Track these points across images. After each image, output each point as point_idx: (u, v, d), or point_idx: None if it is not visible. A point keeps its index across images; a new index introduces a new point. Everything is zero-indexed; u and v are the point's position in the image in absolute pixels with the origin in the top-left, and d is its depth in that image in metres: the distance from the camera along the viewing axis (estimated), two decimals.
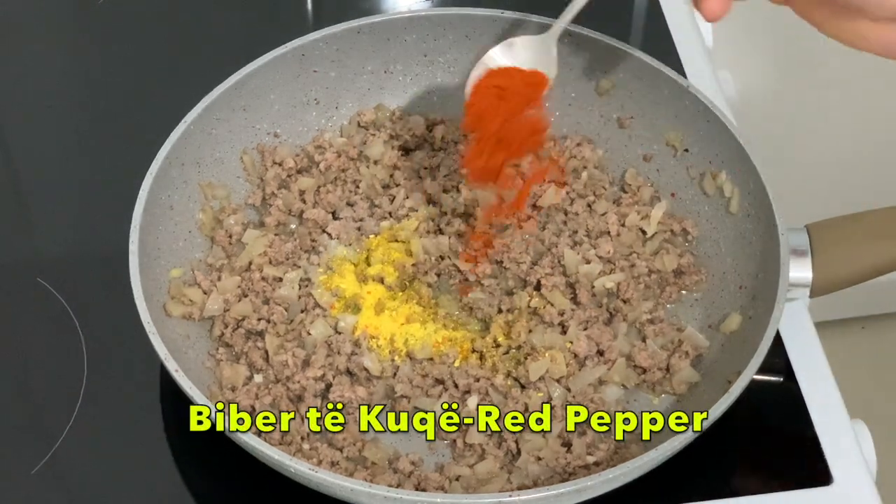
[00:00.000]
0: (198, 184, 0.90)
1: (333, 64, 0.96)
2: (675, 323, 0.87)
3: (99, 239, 0.94)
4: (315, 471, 0.70)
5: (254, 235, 0.90)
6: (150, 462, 0.82)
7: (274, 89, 0.95)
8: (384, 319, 0.86)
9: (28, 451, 0.81)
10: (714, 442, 0.77)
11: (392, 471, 0.78)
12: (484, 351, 0.85)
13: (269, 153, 0.95)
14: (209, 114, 0.90)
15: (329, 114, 0.98)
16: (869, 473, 0.81)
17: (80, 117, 1.06)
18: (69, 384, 0.85)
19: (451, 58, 0.99)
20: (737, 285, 0.86)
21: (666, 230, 0.91)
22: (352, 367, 0.83)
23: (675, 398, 0.83)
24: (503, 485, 0.77)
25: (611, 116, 0.97)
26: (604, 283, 0.87)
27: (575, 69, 0.96)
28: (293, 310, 0.86)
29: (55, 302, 0.89)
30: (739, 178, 0.88)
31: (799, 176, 1.57)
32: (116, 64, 1.10)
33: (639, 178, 0.94)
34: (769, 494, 0.79)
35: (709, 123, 0.90)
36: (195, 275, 0.87)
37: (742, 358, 0.76)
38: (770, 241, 0.82)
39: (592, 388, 0.82)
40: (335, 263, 0.89)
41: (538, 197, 0.93)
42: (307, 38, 0.95)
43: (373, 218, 0.92)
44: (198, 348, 0.84)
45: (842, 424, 0.83)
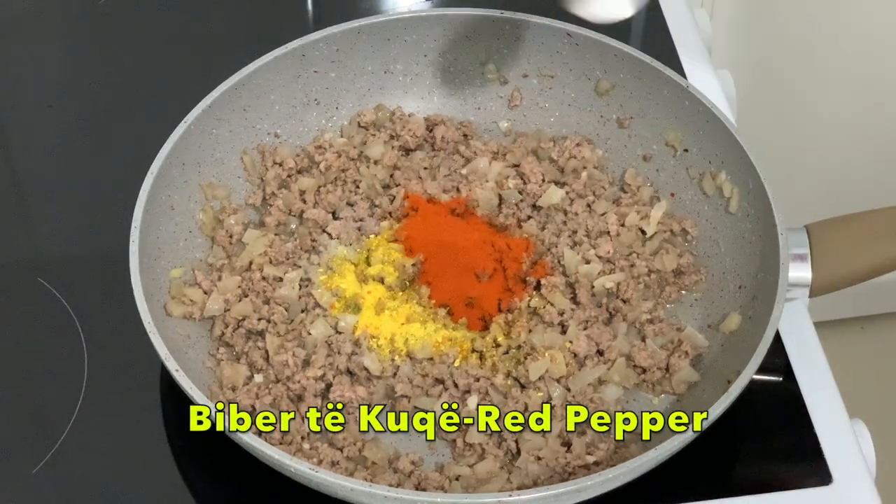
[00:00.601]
0: (198, 184, 0.90)
1: (333, 64, 0.96)
2: (674, 323, 0.87)
3: (99, 239, 0.94)
4: (315, 471, 0.70)
5: (254, 235, 0.90)
6: (150, 462, 0.82)
7: (274, 89, 0.95)
8: (384, 319, 0.86)
9: (28, 451, 0.81)
10: (714, 442, 0.77)
11: (392, 470, 0.78)
12: (484, 351, 0.85)
13: (269, 153, 0.95)
14: (210, 114, 0.90)
15: (329, 114, 0.98)
16: (869, 473, 0.81)
17: (80, 117, 1.06)
18: (69, 384, 0.85)
19: (451, 58, 0.99)
20: (736, 285, 0.86)
21: (665, 230, 0.91)
22: (352, 367, 0.83)
23: (675, 398, 0.83)
24: (503, 484, 0.77)
25: (611, 116, 0.97)
26: (603, 283, 0.87)
27: (575, 69, 0.96)
28: (293, 310, 0.86)
29: (55, 302, 0.89)
30: (739, 178, 0.88)
31: (799, 176, 1.58)
32: (116, 64, 1.10)
33: (638, 178, 0.95)
34: (769, 494, 0.79)
35: (708, 123, 0.90)
36: (195, 275, 0.87)
37: (742, 358, 0.76)
38: (770, 241, 0.82)
39: (592, 388, 0.82)
40: (335, 263, 0.89)
41: (538, 197, 0.93)
42: (307, 38, 0.95)
43: (373, 218, 0.92)
44: (198, 348, 0.84)
45: (841, 424, 0.83)
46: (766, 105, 1.51)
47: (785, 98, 1.53)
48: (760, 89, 1.50)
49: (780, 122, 1.55)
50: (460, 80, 0.99)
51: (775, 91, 1.51)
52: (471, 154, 0.96)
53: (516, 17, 0.96)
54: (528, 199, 0.93)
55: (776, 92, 1.51)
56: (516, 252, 0.89)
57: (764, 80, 1.49)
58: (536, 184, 0.93)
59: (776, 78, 1.51)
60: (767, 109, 1.50)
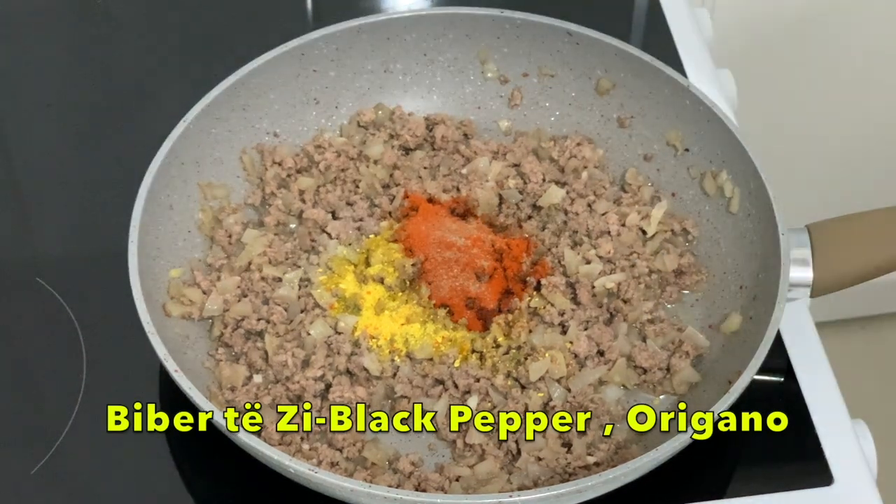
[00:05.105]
0: (197, 183, 0.90)
1: (333, 63, 0.96)
2: (675, 323, 0.87)
3: (98, 239, 0.94)
4: (315, 471, 0.70)
5: (253, 235, 0.89)
6: (150, 462, 0.82)
7: (274, 89, 0.94)
8: (384, 319, 0.86)
9: (28, 451, 0.81)
10: (714, 442, 0.77)
11: (392, 471, 0.78)
12: (484, 351, 0.85)
13: (268, 153, 0.95)
14: (209, 113, 0.90)
15: (329, 113, 0.98)
16: (869, 473, 0.81)
17: (80, 117, 1.06)
18: (69, 384, 0.84)
19: (451, 57, 0.99)
20: (737, 285, 0.86)
21: (666, 230, 0.91)
22: (352, 368, 0.83)
23: (676, 398, 0.83)
24: (503, 485, 0.77)
25: (611, 116, 0.97)
26: (604, 283, 0.87)
27: (575, 69, 0.96)
28: (293, 310, 0.86)
29: (54, 302, 0.89)
30: (740, 178, 0.88)
31: (799, 176, 1.57)
32: (116, 64, 1.10)
33: (639, 178, 0.94)
34: (769, 494, 0.79)
35: (709, 123, 0.90)
36: (194, 275, 0.87)
37: (742, 358, 0.76)
38: (770, 241, 0.82)
39: (593, 389, 0.82)
40: (335, 263, 0.89)
41: (538, 197, 0.93)
42: (307, 37, 0.94)
43: (372, 218, 0.92)
44: (197, 348, 0.84)
45: (842, 424, 0.83)
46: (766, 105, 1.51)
47: (785, 98, 1.53)
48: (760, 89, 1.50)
49: (780, 122, 1.54)
50: (460, 79, 0.99)
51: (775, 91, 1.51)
52: (471, 154, 0.96)
53: (516, 16, 0.95)
54: (529, 198, 0.93)
55: (776, 92, 1.51)
56: (516, 252, 0.89)
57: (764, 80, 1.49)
58: (537, 183, 0.93)
59: (776, 78, 1.51)
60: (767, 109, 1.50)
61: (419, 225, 0.90)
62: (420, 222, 0.90)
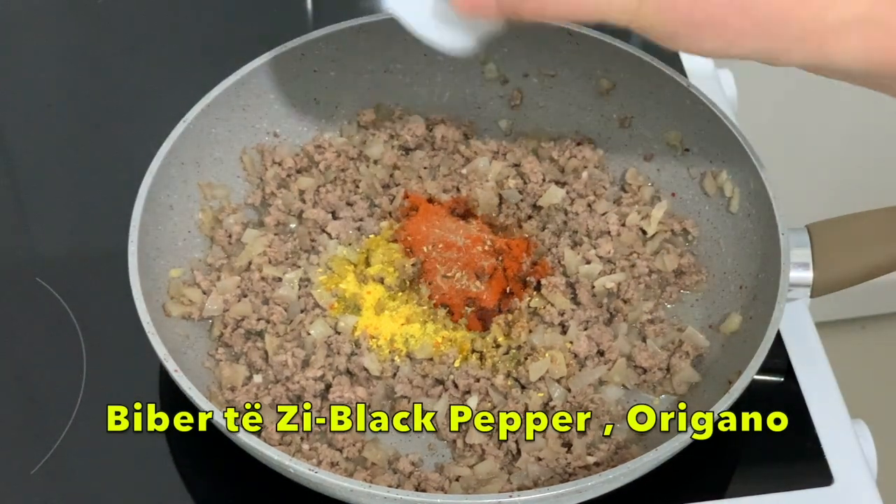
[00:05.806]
0: (197, 183, 0.90)
1: (333, 63, 0.96)
2: (675, 323, 0.87)
3: (98, 239, 0.94)
4: (315, 471, 0.70)
5: (253, 235, 0.89)
6: (150, 462, 0.81)
7: (274, 89, 0.94)
8: (384, 319, 0.86)
9: (28, 451, 0.81)
10: (714, 442, 0.77)
11: (392, 471, 0.78)
12: (484, 351, 0.85)
13: (268, 153, 0.95)
14: (209, 113, 0.90)
15: (329, 113, 0.98)
16: (870, 473, 0.81)
17: (80, 117, 1.06)
18: (69, 384, 0.84)
19: (451, 57, 0.98)
20: (737, 285, 0.86)
21: (666, 230, 0.91)
22: (352, 368, 0.83)
23: (676, 398, 0.83)
24: (503, 485, 0.77)
25: (611, 116, 0.97)
26: (604, 284, 0.87)
27: (576, 68, 0.96)
28: (293, 310, 0.86)
29: (54, 302, 0.89)
30: (740, 178, 0.88)
31: (799, 176, 1.57)
32: (116, 64, 1.10)
33: (639, 178, 0.94)
34: (769, 494, 0.79)
35: (709, 123, 0.90)
36: (194, 275, 0.87)
37: (743, 358, 0.76)
38: (770, 241, 0.82)
39: (593, 389, 0.82)
40: (335, 263, 0.89)
41: (538, 197, 0.93)
42: (307, 37, 0.94)
43: (372, 218, 0.92)
44: (197, 348, 0.84)
45: (842, 424, 0.83)
46: (766, 105, 1.51)
47: (785, 98, 1.53)
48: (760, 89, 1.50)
49: (780, 122, 1.54)
50: (460, 79, 0.99)
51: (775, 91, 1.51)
52: (471, 154, 0.96)
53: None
54: (529, 198, 0.93)
55: (776, 92, 1.51)
56: (516, 252, 0.89)
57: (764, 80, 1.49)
58: (537, 183, 0.93)
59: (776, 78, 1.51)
60: (767, 109, 1.50)
61: (419, 225, 0.90)
62: (420, 222, 0.90)
